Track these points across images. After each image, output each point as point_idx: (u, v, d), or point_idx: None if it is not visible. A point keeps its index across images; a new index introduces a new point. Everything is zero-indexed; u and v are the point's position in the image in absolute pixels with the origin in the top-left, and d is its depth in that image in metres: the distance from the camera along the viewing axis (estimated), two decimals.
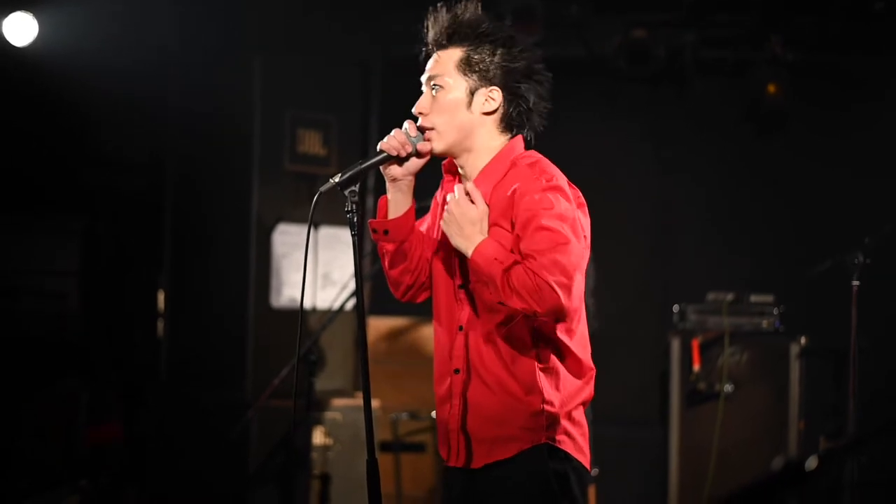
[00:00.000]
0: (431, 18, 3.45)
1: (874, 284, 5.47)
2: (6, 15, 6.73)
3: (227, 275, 7.38)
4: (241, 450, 7.06)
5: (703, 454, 6.88)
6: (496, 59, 3.40)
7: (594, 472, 6.74)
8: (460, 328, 3.42)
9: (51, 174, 7.52)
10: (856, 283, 5.42)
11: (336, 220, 7.57)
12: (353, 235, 3.38)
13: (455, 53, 3.40)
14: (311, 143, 7.54)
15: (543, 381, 3.34)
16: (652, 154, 8.67)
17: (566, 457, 3.35)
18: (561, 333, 3.36)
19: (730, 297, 7.03)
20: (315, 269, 7.54)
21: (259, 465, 6.75)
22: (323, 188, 3.38)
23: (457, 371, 3.43)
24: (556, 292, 3.14)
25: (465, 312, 3.41)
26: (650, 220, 8.66)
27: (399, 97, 8.20)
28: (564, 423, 3.36)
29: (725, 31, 8.31)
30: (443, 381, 3.48)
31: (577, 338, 3.41)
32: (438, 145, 3.42)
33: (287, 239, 7.40)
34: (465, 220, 3.30)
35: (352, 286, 7.16)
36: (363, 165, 3.40)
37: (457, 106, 3.40)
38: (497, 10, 7.62)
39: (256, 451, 6.98)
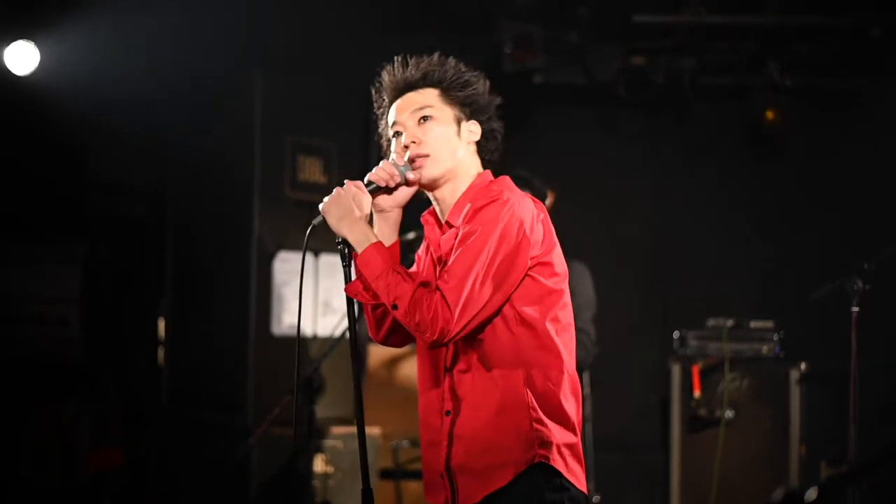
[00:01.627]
0: (391, 70, 3.58)
1: (874, 309, 5.48)
2: (8, 44, 6.76)
3: (228, 302, 7.39)
4: (242, 476, 7.05)
5: (704, 480, 6.88)
6: (470, 94, 3.51)
7: (596, 498, 6.74)
8: (446, 369, 3.43)
9: (52, 201, 7.54)
10: (855, 308, 5.42)
11: (336, 247, 7.58)
12: (344, 267, 3.43)
13: (431, 91, 3.51)
14: (312, 170, 7.56)
15: (532, 399, 3.34)
16: (651, 179, 8.69)
17: (562, 485, 3.34)
18: (549, 352, 3.36)
19: (730, 323, 7.04)
20: (315, 297, 7.55)
21: (260, 492, 6.74)
22: (315, 221, 3.42)
23: (448, 413, 3.43)
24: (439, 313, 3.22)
25: (449, 352, 3.42)
26: (650, 245, 8.67)
27: None
28: (556, 442, 3.35)
29: (724, 58, 8.34)
30: (430, 425, 3.48)
31: (566, 357, 3.41)
32: (433, 171, 3.46)
33: (288, 266, 7.41)
34: (354, 207, 3.37)
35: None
36: (370, 186, 3.45)
37: (448, 132, 3.48)
38: (498, 36, 7.67)
39: (257, 477, 6.97)
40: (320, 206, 3.42)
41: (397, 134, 3.52)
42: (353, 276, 3.44)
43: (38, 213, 7.52)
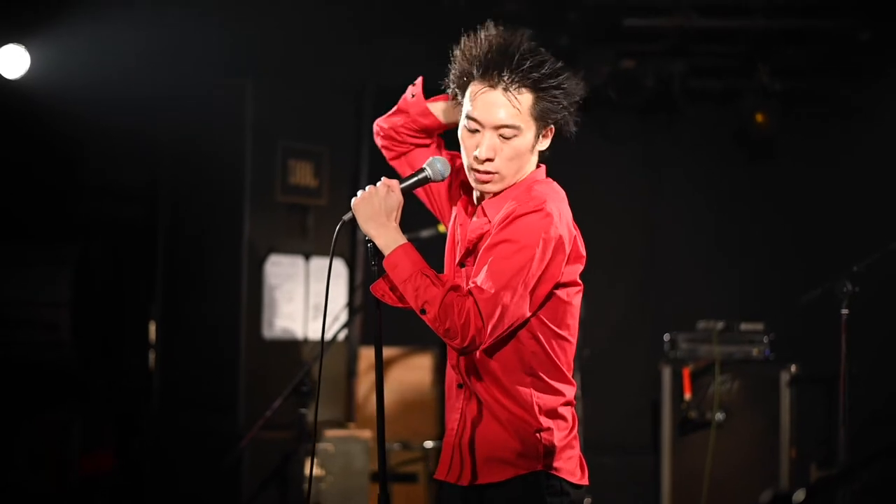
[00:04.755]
0: (488, 44, 3.38)
1: (863, 312, 5.50)
2: None
3: (219, 305, 7.38)
4: (234, 480, 7.05)
5: (695, 482, 6.90)
6: (563, 104, 3.38)
7: (587, 501, 6.75)
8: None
9: (43, 204, 7.54)
10: (845, 311, 5.44)
11: (326, 250, 7.58)
12: (371, 266, 3.39)
13: (527, 99, 3.34)
14: (303, 174, 7.56)
15: (540, 407, 3.35)
16: (642, 182, 8.71)
17: (562, 489, 3.36)
18: (555, 359, 3.37)
19: (720, 325, 7.06)
20: (306, 300, 7.55)
21: (251, 496, 6.74)
22: (345, 217, 3.37)
23: (460, 385, 3.44)
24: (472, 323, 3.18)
25: None
26: (640, 248, 8.69)
27: None
28: (559, 446, 3.37)
29: (714, 61, 8.37)
30: (450, 390, 3.50)
31: (565, 366, 3.43)
32: (496, 188, 3.40)
33: (279, 270, 7.41)
34: (383, 208, 3.32)
35: (343, 317, 7.19)
36: (403, 185, 3.41)
37: (526, 151, 3.38)
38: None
39: (248, 481, 6.97)
40: (352, 202, 3.35)
41: (473, 130, 3.38)
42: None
43: (30, 216, 7.52)
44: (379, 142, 3.76)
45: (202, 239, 7.50)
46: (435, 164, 3.43)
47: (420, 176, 3.44)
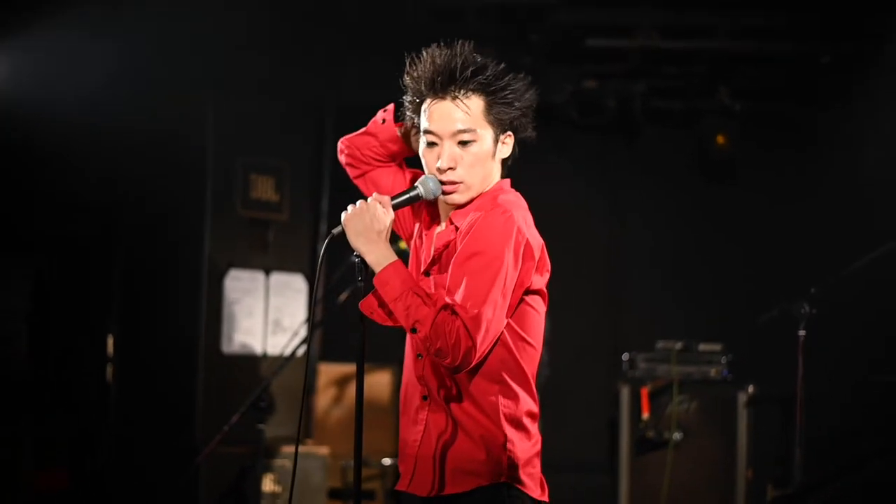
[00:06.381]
0: (430, 62, 3.40)
1: (820, 333, 5.54)
2: None
3: (178, 320, 7.35)
4: (191, 495, 7.01)
5: (652, 501, 6.91)
6: (515, 106, 3.39)
7: None
8: (419, 356, 3.42)
9: (1, 217, 7.47)
10: (802, 332, 5.49)
11: (287, 266, 7.58)
12: (358, 282, 3.35)
13: (478, 103, 3.37)
14: (264, 188, 7.55)
15: (505, 415, 3.34)
16: (602, 202, 8.75)
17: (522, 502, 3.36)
18: (522, 366, 3.37)
19: (679, 345, 7.09)
20: (265, 316, 7.53)
21: None
22: (335, 231, 3.33)
23: (424, 398, 3.42)
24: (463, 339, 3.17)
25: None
26: (601, 268, 8.72)
27: None
28: (523, 459, 3.36)
29: (675, 82, 8.43)
30: (410, 403, 3.47)
31: (530, 375, 3.43)
32: (463, 198, 3.40)
33: (238, 285, 7.39)
34: (374, 224, 3.30)
35: (302, 333, 7.17)
36: (395, 201, 3.38)
37: (487, 157, 3.39)
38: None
39: (206, 496, 6.94)
40: (342, 216, 3.33)
41: (431, 144, 3.40)
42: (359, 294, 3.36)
43: None
44: (343, 159, 3.76)
45: (162, 252, 7.47)
46: (427, 183, 3.41)
47: (412, 194, 3.42)
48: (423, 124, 3.41)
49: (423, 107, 3.41)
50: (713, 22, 7.82)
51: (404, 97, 3.49)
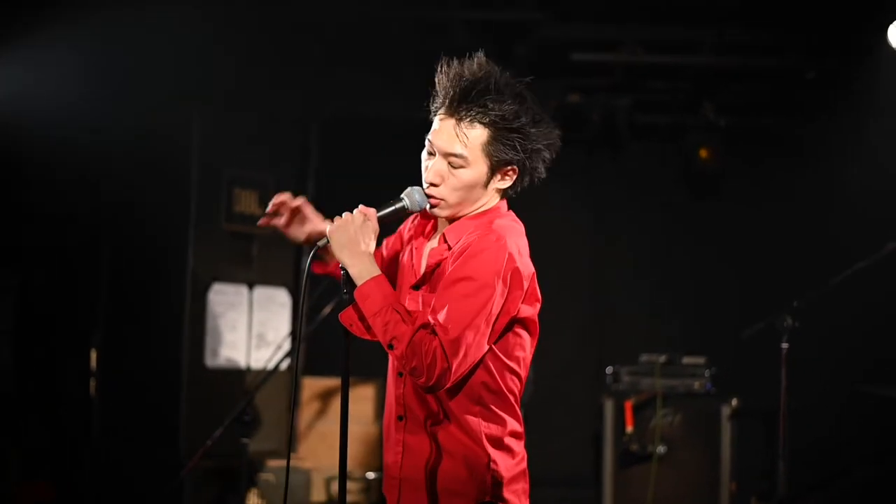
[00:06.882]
0: (456, 74, 3.35)
1: (803, 346, 5.55)
2: None
3: (162, 333, 7.34)
4: None
5: None
6: (523, 144, 3.32)
7: None
8: (400, 374, 3.40)
9: None
10: (785, 345, 5.50)
11: (270, 280, 7.57)
12: (343, 294, 3.32)
13: (478, 135, 3.31)
14: (248, 202, 7.54)
15: (487, 436, 3.33)
16: (587, 216, 8.76)
17: None
18: (504, 390, 3.36)
19: (662, 358, 7.09)
20: (249, 330, 7.52)
21: None
22: (320, 243, 3.32)
23: (400, 418, 3.41)
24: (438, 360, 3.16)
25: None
26: (585, 281, 8.73)
27: (336, 156, 8.27)
28: (509, 481, 3.35)
29: (660, 97, 8.45)
30: (389, 425, 3.47)
31: (513, 398, 3.42)
32: (443, 213, 3.38)
33: (222, 298, 7.38)
34: (358, 237, 3.28)
35: (286, 346, 7.16)
36: (380, 213, 3.34)
37: (475, 185, 3.35)
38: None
39: None
40: (327, 229, 3.31)
41: (429, 153, 3.37)
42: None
43: None
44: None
45: (145, 266, 7.46)
46: (413, 195, 3.37)
47: (397, 206, 3.38)
48: (430, 133, 3.38)
49: (437, 112, 3.39)
50: (698, 37, 7.85)
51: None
